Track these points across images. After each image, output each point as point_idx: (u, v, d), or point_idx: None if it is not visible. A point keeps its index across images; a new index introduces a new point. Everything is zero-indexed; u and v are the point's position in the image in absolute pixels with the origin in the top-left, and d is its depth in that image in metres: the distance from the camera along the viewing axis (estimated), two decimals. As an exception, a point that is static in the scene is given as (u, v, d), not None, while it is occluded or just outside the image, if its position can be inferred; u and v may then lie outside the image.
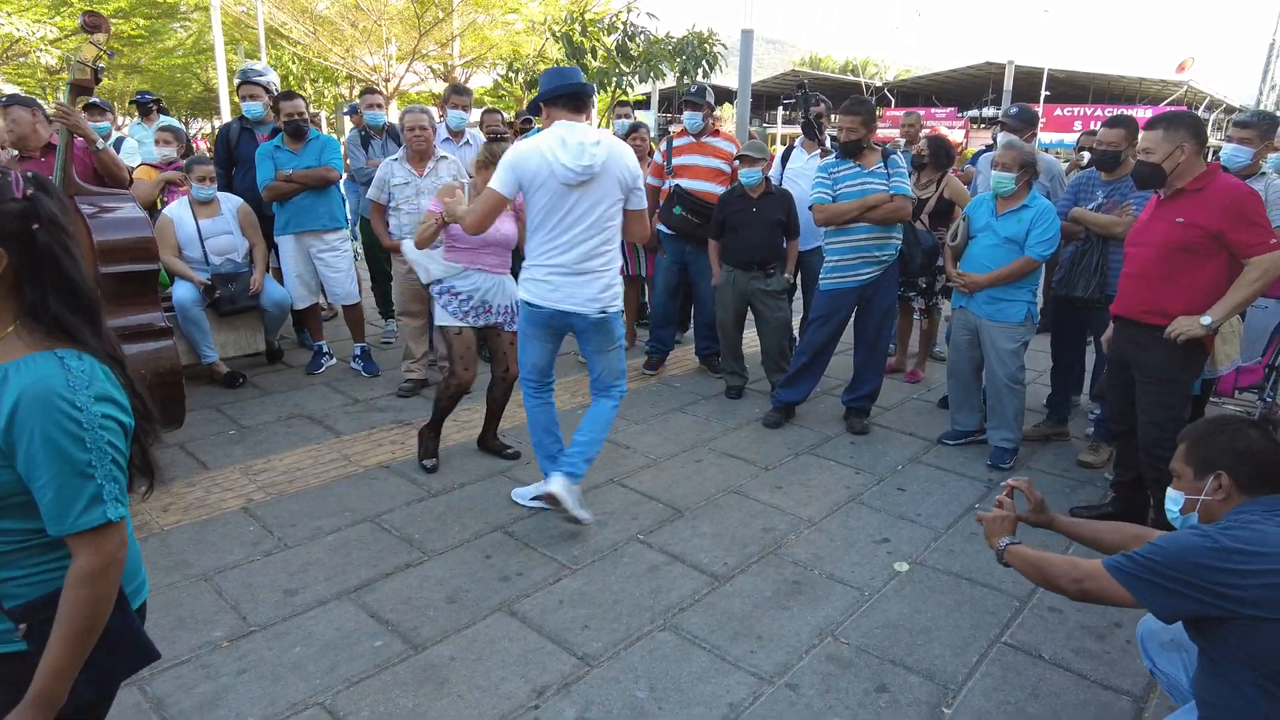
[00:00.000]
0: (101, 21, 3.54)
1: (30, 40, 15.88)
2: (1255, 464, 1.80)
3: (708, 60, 11.39)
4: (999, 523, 2.15)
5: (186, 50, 25.29)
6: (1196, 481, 1.87)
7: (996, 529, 2.14)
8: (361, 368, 5.41)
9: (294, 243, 5.22)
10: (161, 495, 3.63)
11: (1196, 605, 1.69)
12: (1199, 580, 1.67)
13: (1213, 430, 1.89)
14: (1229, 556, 1.65)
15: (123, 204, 3.69)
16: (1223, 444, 1.84)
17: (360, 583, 2.98)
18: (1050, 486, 3.97)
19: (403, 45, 21.85)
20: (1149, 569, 1.73)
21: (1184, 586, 1.68)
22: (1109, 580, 1.78)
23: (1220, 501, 1.84)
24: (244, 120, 5.60)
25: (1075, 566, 1.87)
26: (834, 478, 4.01)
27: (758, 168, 4.78)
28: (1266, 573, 1.63)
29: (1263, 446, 1.82)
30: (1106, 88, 40.21)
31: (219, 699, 2.36)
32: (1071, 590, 1.88)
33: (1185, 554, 1.69)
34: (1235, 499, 1.82)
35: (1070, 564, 1.89)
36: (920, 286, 5.34)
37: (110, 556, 1.32)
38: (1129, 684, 2.53)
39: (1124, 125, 4.01)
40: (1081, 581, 1.84)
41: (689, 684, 2.48)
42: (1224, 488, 1.83)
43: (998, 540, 2.11)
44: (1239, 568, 1.64)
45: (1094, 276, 3.99)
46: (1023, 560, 2.01)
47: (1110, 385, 3.53)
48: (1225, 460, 1.83)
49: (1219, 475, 1.83)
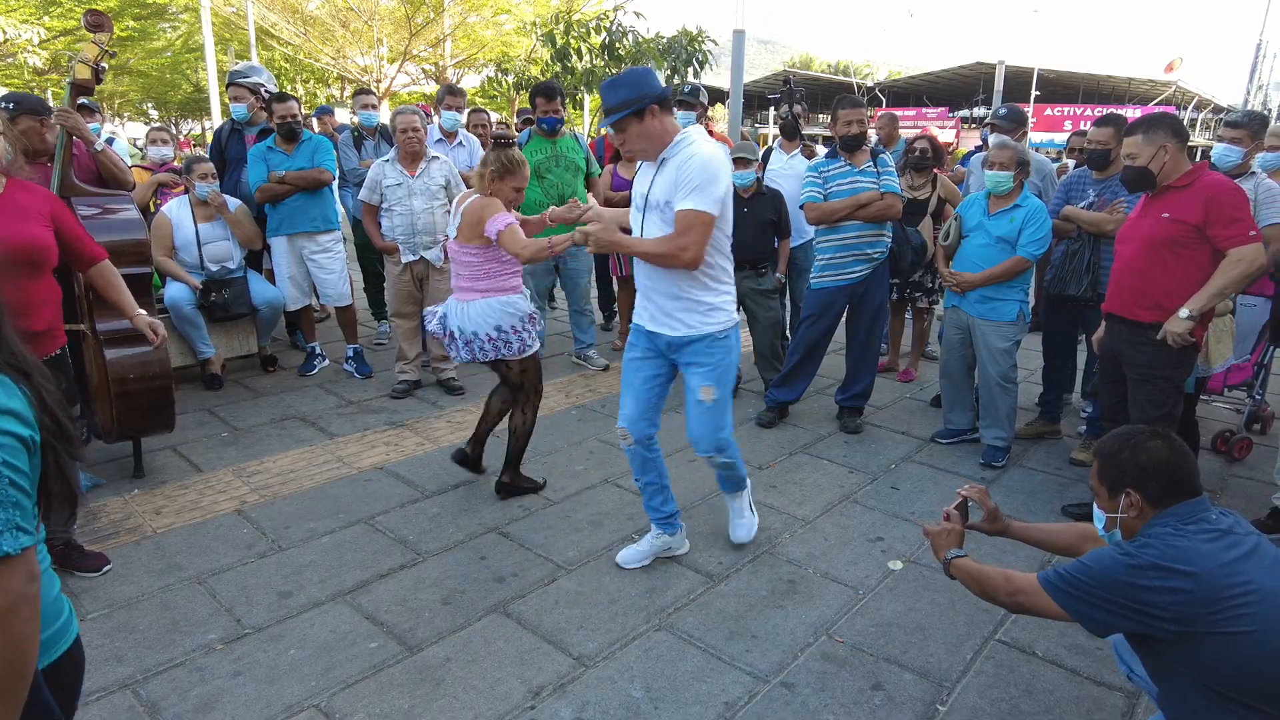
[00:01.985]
0: (104, 20, 3.52)
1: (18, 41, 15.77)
2: (1160, 477, 1.81)
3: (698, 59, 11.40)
4: (944, 536, 2.19)
5: (176, 51, 25.15)
6: (1111, 500, 1.90)
7: (942, 542, 2.18)
8: (354, 369, 5.40)
9: (287, 244, 5.21)
10: (154, 498, 3.62)
11: (1126, 622, 1.73)
12: (1122, 599, 1.70)
13: (1117, 448, 1.90)
14: (1147, 574, 1.68)
15: (120, 206, 3.67)
16: (1127, 461, 1.86)
17: (355, 584, 2.97)
18: (1042, 484, 3.99)
19: (394, 46, 21.80)
20: (1076, 585, 1.78)
21: (1109, 605, 1.72)
22: (1041, 595, 1.84)
23: (1134, 518, 1.86)
24: (234, 122, 5.60)
25: (1009, 581, 1.93)
26: (828, 477, 4.02)
27: (751, 169, 4.79)
28: (1182, 590, 1.65)
29: (1165, 458, 1.82)
30: (1096, 87, 40.44)
31: (214, 702, 2.35)
32: (1006, 603, 1.94)
33: (1109, 572, 1.73)
34: (1148, 513, 1.84)
35: (1005, 578, 1.95)
36: (926, 285, 5.35)
37: (16, 594, 1.12)
38: (1121, 680, 2.54)
39: (1114, 124, 4.04)
40: (1015, 595, 1.91)
41: (685, 683, 2.48)
42: (1135, 504, 1.85)
43: (944, 553, 2.16)
44: (1157, 584, 1.67)
45: (1086, 275, 4.02)
46: (965, 574, 2.07)
47: (1102, 383, 3.55)
48: (1131, 477, 1.85)
49: (1128, 493, 1.85)
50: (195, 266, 5.01)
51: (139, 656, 2.54)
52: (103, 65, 3.54)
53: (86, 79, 3.52)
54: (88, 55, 3.50)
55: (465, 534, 3.37)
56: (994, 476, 4.06)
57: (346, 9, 20.75)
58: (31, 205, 2.64)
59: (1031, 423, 4.63)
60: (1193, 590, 1.64)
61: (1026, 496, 3.85)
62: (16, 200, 2.59)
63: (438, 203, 4.94)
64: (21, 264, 2.54)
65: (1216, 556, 1.67)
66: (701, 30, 11.56)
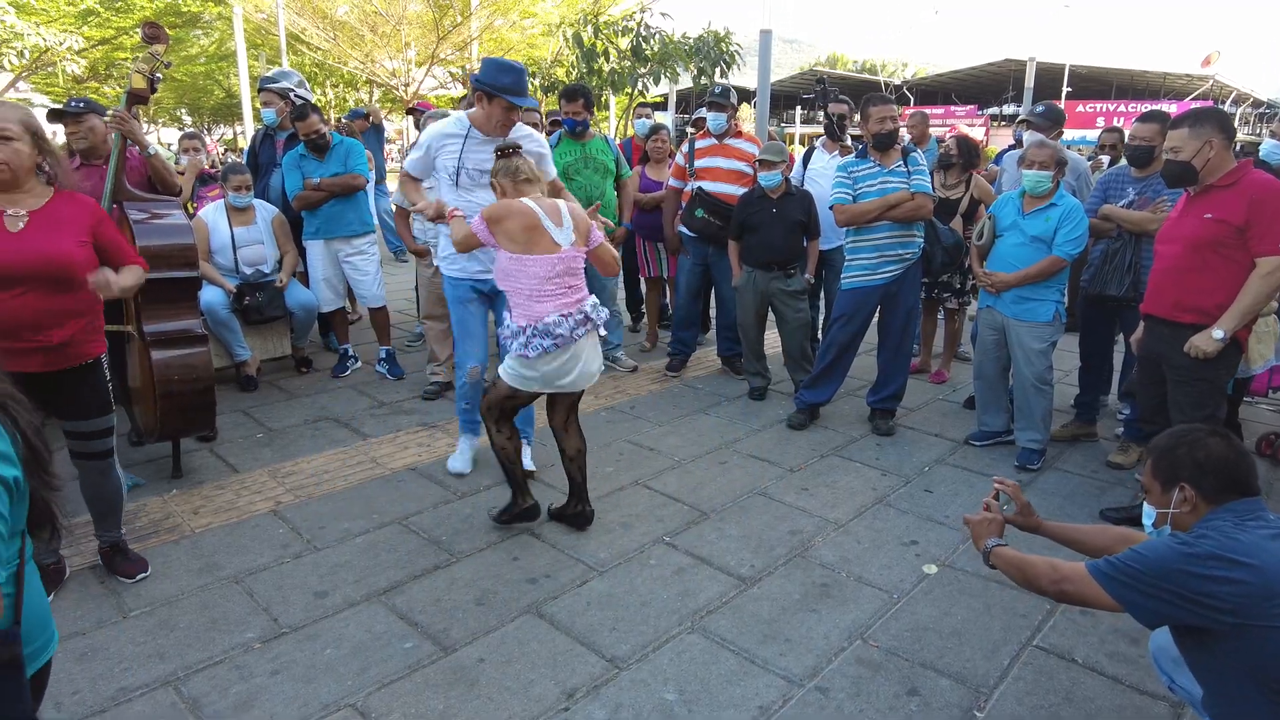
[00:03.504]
0: (160, 32, 3.59)
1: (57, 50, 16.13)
2: (1218, 473, 1.81)
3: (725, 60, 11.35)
4: (985, 525, 2.19)
5: (209, 57, 25.59)
6: (1164, 495, 1.89)
7: (983, 531, 2.18)
8: (386, 370, 5.45)
9: (323, 247, 5.28)
10: (192, 498, 3.68)
11: (1178, 612, 1.70)
12: (1178, 587, 1.68)
13: (1174, 443, 1.90)
14: (1206, 563, 1.66)
15: (168, 210, 3.74)
16: (1183, 456, 1.86)
17: (389, 585, 3.00)
18: (1079, 488, 3.93)
19: (421, 50, 21.99)
20: (1129, 573, 1.75)
21: (1164, 593, 1.70)
22: (1089, 583, 1.81)
23: (1188, 513, 1.85)
24: (266, 127, 5.70)
25: (1055, 569, 1.90)
26: (860, 479, 3.99)
27: (777, 170, 4.76)
28: (1242, 581, 1.63)
29: (1224, 454, 1.82)
30: (1130, 83, 39.75)
31: (253, 700, 2.38)
32: (1051, 591, 1.91)
33: (1164, 560, 1.71)
34: (1202, 509, 1.83)
35: (1050, 565, 1.92)
36: (954, 286, 5.30)
37: None
38: (1163, 689, 2.49)
39: (1158, 120, 3.95)
40: (1061, 583, 1.88)
41: (718, 686, 2.47)
42: (1189, 500, 1.84)
43: (984, 542, 2.15)
44: (1216, 574, 1.65)
45: (1127, 275, 3.95)
46: (1006, 562, 2.04)
47: (1142, 385, 3.49)
48: (1187, 472, 1.84)
49: (1183, 488, 1.84)
50: (230, 270, 5.10)
51: (180, 654, 2.58)
52: (158, 75, 3.62)
53: (142, 88, 3.60)
54: (144, 66, 3.57)
55: (497, 535, 3.39)
56: (1029, 479, 4.00)
57: (375, 14, 20.95)
58: (71, 218, 2.67)
59: (1067, 425, 4.56)
60: (1253, 582, 1.62)
61: (1063, 500, 3.79)
62: (57, 214, 2.63)
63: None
64: (48, 279, 2.59)
65: (1277, 553, 1.65)
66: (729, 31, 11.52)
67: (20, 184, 2.59)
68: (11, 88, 19.22)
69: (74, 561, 3.07)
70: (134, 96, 3.62)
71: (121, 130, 3.63)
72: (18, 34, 15.15)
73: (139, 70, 3.56)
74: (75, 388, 2.76)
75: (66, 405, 2.78)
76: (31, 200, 2.61)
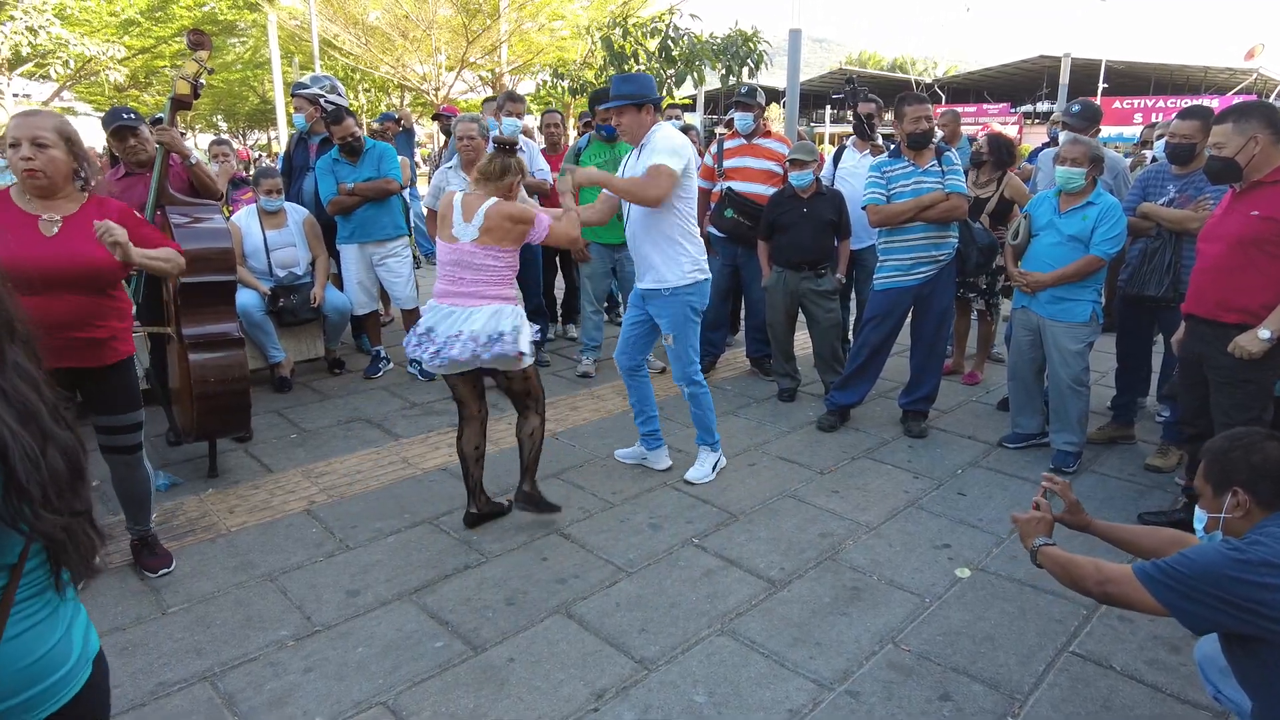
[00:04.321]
0: (204, 39, 3.67)
1: (101, 59, 16.54)
2: (1274, 478, 1.77)
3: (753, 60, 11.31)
4: (1034, 524, 2.15)
5: (245, 64, 26.06)
6: (1216, 499, 1.85)
7: (1031, 529, 2.14)
8: (419, 372, 5.50)
9: (357, 251, 5.35)
10: (228, 497, 3.74)
11: (1226, 619, 1.66)
12: (1227, 594, 1.64)
13: (1228, 446, 1.86)
14: (1257, 570, 1.62)
15: (209, 215, 3.81)
16: (1238, 460, 1.82)
17: (420, 584, 3.03)
18: (1117, 491, 3.85)
19: (452, 54, 22.18)
20: (1176, 578, 1.71)
21: (1213, 599, 1.66)
22: (1135, 586, 1.78)
23: (1241, 518, 1.81)
24: (300, 132, 5.80)
25: (1100, 570, 1.87)
26: (892, 482, 3.94)
27: (808, 169, 4.74)
28: None
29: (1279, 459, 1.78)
30: (1169, 78, 38.93)
31: (287, 697, 2.42)
32: (1096, 592, 1.88)
33: (1213, 566, 1.67)
34: (1256, 515, 1.79)
35: (1096, 567, 1.89)
36: (980, 287, 5.23)
37: None
38: (1207, 699, 2.42)
39: (1200, 116, 3.85)
40: (1106, 584, 1.84)
41: (748, 689, 2.46)
42: (1242, 505, 1.80)
43: (1032, 540, 2.11)
44: (1268, 581, 1.60)
45: (1166, 275, 3.86)
46: (1053, 561, 2.01)
47: (1183, 386, 3.40)
48: (1242, 477, 1.80)
49: (1236, 492, 1.80)
50: (264, 273, 5.19)
51: (216, 650, 2.63)
52: (201, 81, 3.69)
53: (186, 94, 3.67)
54: (188, 72, 3.64)
55: (527, 535, 3.40)
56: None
57: (405, 18, 21.18)
58: None
59: (1104, 427, 4.47)
60: None
61: (1099, 504, 3.71)
62: (90, 219, 2.69)
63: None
64: (81, 282, 2.66)
65: None
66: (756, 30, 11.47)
67: (57, 190, 2.66)
68: (56, 96, 19.72)
69: (114, 559, 3.14)
70: (178, 102, 3.70)
71: (163, 140, 3.71)
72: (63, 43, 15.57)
73: (183, 76, 3.63)
74: (107, 383, 2.85)
75: (98, 400, 2.87)
76: (68, 206, 2.69)
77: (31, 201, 2.65)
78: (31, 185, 2.60)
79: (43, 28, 14.92)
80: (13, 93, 17.16)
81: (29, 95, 20.04)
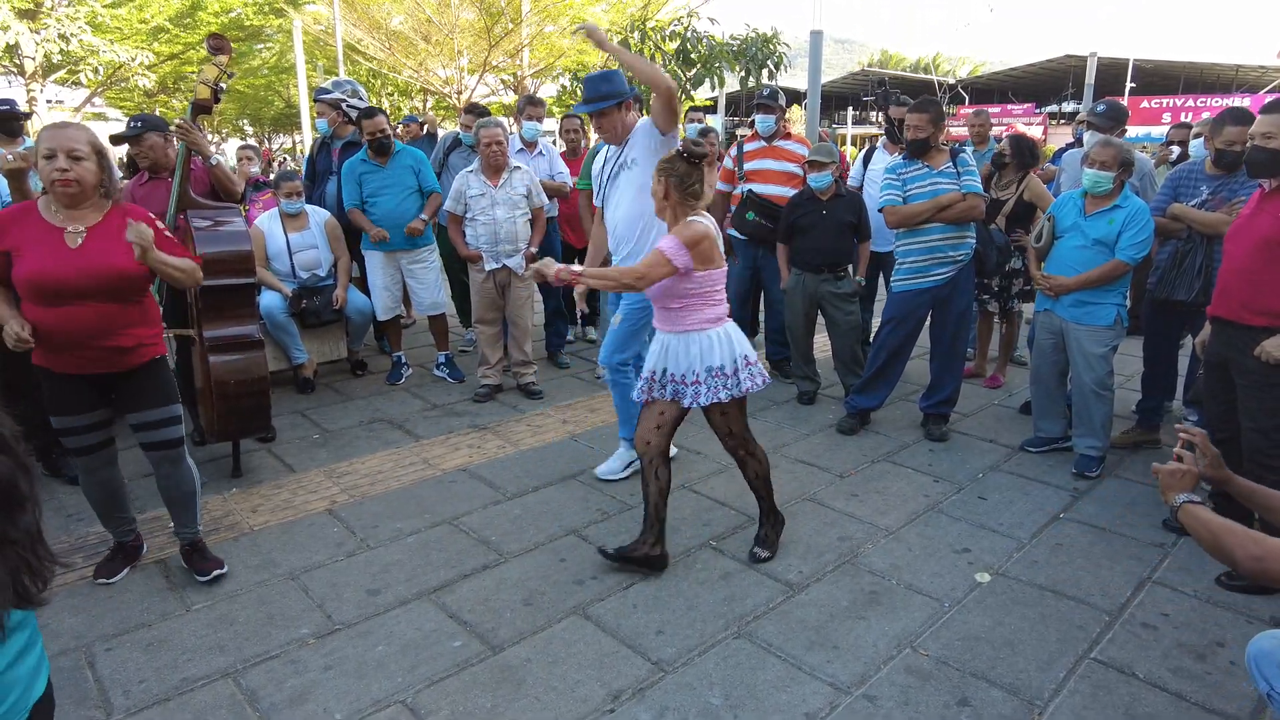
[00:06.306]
0: (224, 44, 3.72)
1: (130, 66, 16.82)
2: None
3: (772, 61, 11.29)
4: (1178, 476, 1.92)
5: (270, 69, 26.39)
6: None
7: (1174, 483, 1.92)
8: (447, 374, 5.56)
9: (383, 257, 5.36)
10: (251, 497, 3.79)
11: None
12: None
13: None
14: None
15: (230, 218, 3.86)
16: None
17: (440, 584, 3.05)
18: (1141, 496, 3.79)
19: (474, 58, 22.33)
20: None
21: None
22: None
23: None
24: (323, 137, 5.88)
25: (1258, 542, 1.66)
26: (912, 486, 3.92)
27: (827, 171, 4.72)
28: None
29: None
30: (1199, 77, 38.26)
31: (307, 694, 2.45)
32: (1247, 565, 1.69)
33: None
34: None
35: (1252, 539, 1.68)
36: (994, 289, 5.18)
37: None
38: (1234, 708, 2.39)
39: (1249, 123, 3.65)
40: (1263, 560, 1.66)
41: (764, 692, 2.46)
42: None
43: (1174, 495, 1.90)
44: None
45: (1197, 279, 3.77)
46: (1198, 522, 1.79)
47: (1209, 390, 3.35)
48: None
49: None
50: (287, 275, 5.25)
51: (238, 647, 2.66)
52: (222, 85, 3.74)
53: (206, 99, 3.72)
54: (208, 76, 3.69)
55: (545, 536, 3.42)
56: (1087, 487, 3.88)
57: (428, 23, 21.35)
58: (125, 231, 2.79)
59: (1128, 431, 4.41)
60: None
61: (1123, 509, 3.67)
62: (113, 227, 2.74)
63: (519, 212, 5.04)
64: (107, 291, 2.71)
65: None
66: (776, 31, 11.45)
67: (86, 200, 2.72)
68: (88, 103, 20.09)
69: (144, 556, 3.20)
70: (198, 106, 3.75)
71: (186, 141, 3.76)
72: (94, 50, 15.86)
73: (204, 81, 3.69)
74: (139, 381, 2.89)
75: (130, 398, 2.90)
76: (92, 215, 2.75)
77: (58, 213, 2.71)
78: (63, 194, 2.66)
79: (74, 35, 15.21)
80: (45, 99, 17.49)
81: (61, 101, 20.44)
